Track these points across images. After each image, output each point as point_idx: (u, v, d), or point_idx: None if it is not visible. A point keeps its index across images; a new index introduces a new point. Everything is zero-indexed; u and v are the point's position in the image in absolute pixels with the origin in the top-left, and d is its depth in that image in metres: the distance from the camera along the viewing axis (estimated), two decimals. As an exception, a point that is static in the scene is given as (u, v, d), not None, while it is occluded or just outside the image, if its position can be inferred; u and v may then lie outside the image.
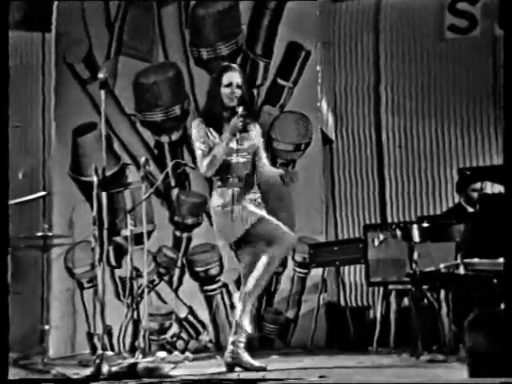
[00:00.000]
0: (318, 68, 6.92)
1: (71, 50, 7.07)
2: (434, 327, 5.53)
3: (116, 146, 6.97)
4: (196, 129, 4.64)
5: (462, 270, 5.27)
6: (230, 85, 4.61)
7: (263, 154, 4.76)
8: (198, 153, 4.63)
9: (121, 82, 6.99)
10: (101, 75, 4.71)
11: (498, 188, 6.17)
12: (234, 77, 4.63)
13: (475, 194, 6.16)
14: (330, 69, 7.44)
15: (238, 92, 4.62)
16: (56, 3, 7.06)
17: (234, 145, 4.58)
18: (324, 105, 7.15)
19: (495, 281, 5.21)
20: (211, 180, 6.91)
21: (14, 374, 4.81)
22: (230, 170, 4.64)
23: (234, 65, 4.82)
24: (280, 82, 7.05)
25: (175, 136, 7.02)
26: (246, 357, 4.53)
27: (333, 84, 7.45)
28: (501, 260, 5.02)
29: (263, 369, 4.47)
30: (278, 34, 7.00)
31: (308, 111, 6.86)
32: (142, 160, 6.13)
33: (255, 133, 4.73)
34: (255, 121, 4.93)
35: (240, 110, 4.53)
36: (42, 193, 6.40)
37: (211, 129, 4.62)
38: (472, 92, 6.89)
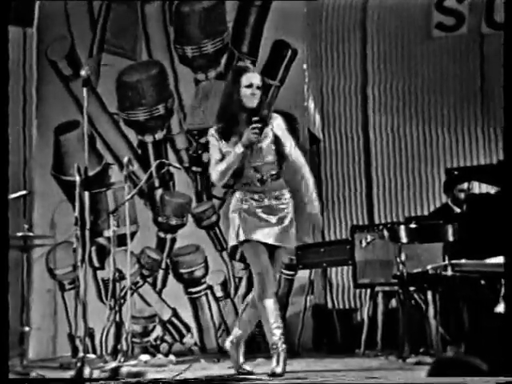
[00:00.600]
0: (305, 67, 6.95)
1: (53, 46, 7.07)
2: (421, 329, 5.57)
3: (99, 145, 6.97)
4: (210, 138, 4.69)
5: (449, 272, 5.30)
6: (250, 86, 4.61)
7: (287, 144, 4.67)
8: (212, 161, 4.66)
9: (104, 80, 7.00)
10: (83, 72, 4.71)
11: (486, 188, 6.21)
12: (253, 77, 4.64)
13: (462, 195, 6.19)
14: (317, 67, 7.46)
15: (258, 93, 4.62)
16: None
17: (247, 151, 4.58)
18: (311, 104, 7.17)
19: (483, 282, 5.26)
20: (196, 180, 7.01)
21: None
22: (243, 175, 4.64)
23: (252, 66, 4.89)
24: (266, 80, 7.06)
25: (159, 135, 7.03)
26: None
27: (320, 83, 7.48)
28: (488, 261, 5.06)
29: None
30: (264, 32, 7.02)
31: (295, 110, 6.87)
32: (125, 160, 6.14)
33: (275, 126, 4.66)
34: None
35: (254, 119, 4.53)
36: (23, 192, 6.37)
37: (223, 141, 4.64)
38: (459, 91, 6.93)
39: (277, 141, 4.65)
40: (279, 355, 4.46)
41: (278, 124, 4.68)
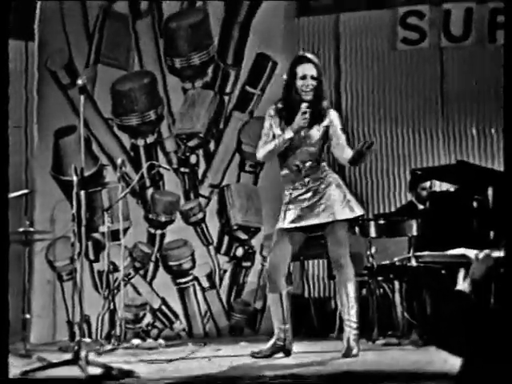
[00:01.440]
0: (284, 77, 6.98)
1: (53, 58, 7.05)
2: (388, 314, 5.61)
3: (94, 147, 6.97)
4: (266, 116, 4.53)
5: (413, 263, 5.39)
6: (304, 77, 4.39)
7: (339, 136, 4.46)
8: (262, 139, 4.49)
9: (99, 89, 7.02)
10: (79, 81, 4.72)
11: (446, 186, 6.26)
12: (307, 69, 4.40)
13: (424, 193, 6.25)
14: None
15: (313, 83, 4.38)
16: (38, 14, 7.06)
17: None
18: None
19: (443, 272, 5.34)
20: (184, 180, 7.04)
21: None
22: (284, 161, 4.47)
23: (309, 56, 4.53)
24: (249, 89, 7.11)
25: (150, 139, 7.04)
26: None
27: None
28: (449, 252, 5.13)
29: None
30: (247, 46, 7.06)
31: (275, 116, 6.92)
32: (119, 161, 6.20)
33: (328, 120, 4.47)
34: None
35: (303, 106, 4.33)
36: (25, 191, 6.40)
37: (277, 121, 4.45)
38: (422, 97, 6.98)
39: (326, 134, 4.46)
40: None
41: (332, 119, 4.47)
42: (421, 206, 6.19)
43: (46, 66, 7.05)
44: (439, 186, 6.35)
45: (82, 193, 4.67)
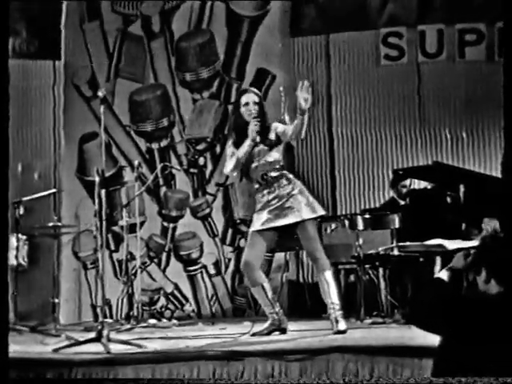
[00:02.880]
0: (281, 89, 6.97)
1: (77, 74, 7.06)
2: (374, 297, 5.60)
3: (114, 151, 6.96)
4: (227, 148, 4.60)
5: (396, 252, 5.37)
6: (247, 104, 4.49)
7: (287, 127, 4.47)
8: (227, 159, 4.57)
9: (118, 99, 7.02)
10: (100, 93, 4.70)
11: (424, 184, 6.25)
12: (250, 97, 4.52)
13: (404, 190, 6.22)
14: (291, 89, 7.47)
15: (255, 108, 4.49)
16: (63, 37, 7.03)
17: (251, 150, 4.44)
18: (286, 118, 7.19)
19: (422, 259, 5.32)
20: (193, 179, 7.03)
21: (32, 338, 4.86)
22: (251, 177, 4.55)
23: (251, 88, 4.80)
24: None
25: (163, 143, 7.02)
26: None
27: (294, 102, 7.46)
28: (426, 243, 5.12)
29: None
30: (248, 62, 7.06)
31: (273, 123, 6.88)
32: (136, 163, 6.19)
33: (274, 128, 4.51)
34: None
35: (255, 117, 4.43)
36: (53, 190, 6.39)
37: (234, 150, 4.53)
38: (402, 106, 7.00)
39: (276, 145, 4.50)
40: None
41: (276, 126, 4.52)
42: (402, 202, 6.17)
43: (72, 81, 7.05)
44: (417, 184, 6.33)
45: (103, 191, 4.65)
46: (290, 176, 4.57)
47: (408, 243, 5.15)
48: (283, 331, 4.60)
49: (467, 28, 6.82)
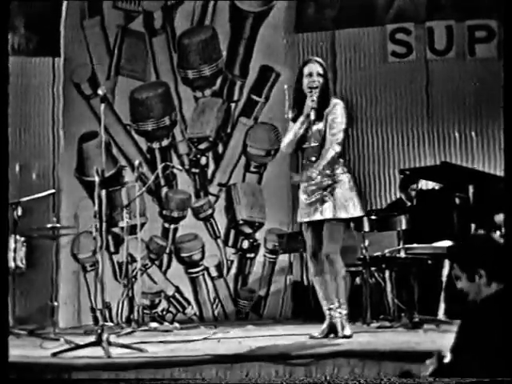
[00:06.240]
0: (286, 86, 6.95)
1: (77, 71, 7.06)
2: (380, 300, 5.60)
3: (114, 151, 6.96)
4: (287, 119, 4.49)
5: (402, 254, 5.38)
6: (310, 74, 4.34)
7: (331, 125, 4.32)
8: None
9: (119, 98, 7.02)
10: (100, 92, 4.72)
11: (431, 185, 6.24)
12: (313, 67, 4.37)
13: (413, 192, 6.21)
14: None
15: (319, 80, 4.33)
16: (62, 34, 7.04)
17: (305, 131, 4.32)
18: (290, 117, 7.18)
19: (430, 262, 5.33)
20: (195, 180, 7.05)
21: (30, 342, 4.87)
22: (302, 154, 4.40)
23: (316, 58, 4.58)
24: (254, 97, 7.12)
25: (165, 142, 7.03)
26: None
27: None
28: (434, 245, 5.13)
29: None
30: (252, 59, 7.05)
31: (277, 122, 6.92)
32: (136, 163, 6.20)
33: (330, 110, 4.34)
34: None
35: (314, 92, 4.28)
36: (52, 191, 6.40)
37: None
38: (410, 104, 6.98)
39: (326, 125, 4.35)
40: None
41: (333, 110, 4.34)
42: (409, 203, 6.16)
43: (71, 79, 7.05)
44: (425, 184, 6.32)
45: (103, 192, 4.66)
46: (341, 166, 4.43)
47: (415, 245, 5.15)
48: (337, 334, 4.39)
49: (477, 24, 6.82)
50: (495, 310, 2.43)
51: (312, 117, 4.34)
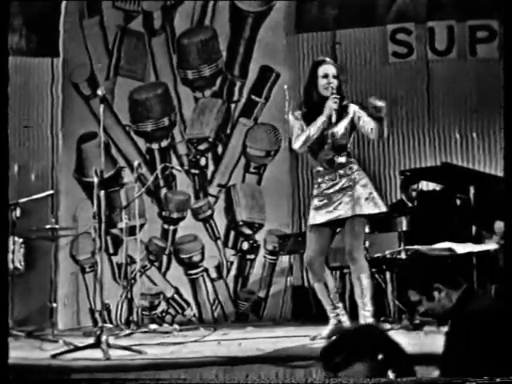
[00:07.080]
0: (286, 87, 6.98)
1: (76, 71, 7.08)
2: (381, 302, 5.60)
3: (113, 151, 6.98)
4: (291, 118, 4.45)
5: (403, 256, 5.38)
6: (326, 76, 4.33)
7: (364, 115, 4.32)
8: (294, 134, 4.39)
9: (118, 98, 7.04)
10: (99, 92, 4.73)
11: (432, 186, 6.24)
12: (328, 68, 4.36)
13: (414, 193, 6.22)
14: (296, 88, 7.48)
15: (335, 82, 4.33)
16: (61, 34, 7.05)
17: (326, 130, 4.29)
18: (290, 118, 7.19)
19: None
20: (194, 181, 7.06)
21: (29, 344, 4.88)
22: (316, 158, 4.38)
23: (328, 59, 4.56)
24: (254, 98, 7.13)
25: (164, 143, 7.04)
26: None
27: (298, 100, 7.48)
28: (436, 246, 5.13)
29: None
30: (252, 59, 7.06)
31: (277, 123, 6.92)
32: (135, 164, 6.22)
33: (352, 112, 4.35)
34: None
35: (334, 92, 4.27)
36: (50, 192, 6.41)
37: (303, 124, 4.38)
38: (411, 107, 7.00)
39: (351, 129, 4.36)
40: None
41: (355, 110, 4.34)
42: (410, 204, 6.16)
43: (70, 79, 7.07)
44: (426, 185, 6.33)
45: (102, 193, 4.67)
46: (356, 166, 4.43)
47: (416, 246, 5.15)
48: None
49: (479, 25, 6.82)
50: (483, 316, 2.43)
51: (334, 119, 4.34)
